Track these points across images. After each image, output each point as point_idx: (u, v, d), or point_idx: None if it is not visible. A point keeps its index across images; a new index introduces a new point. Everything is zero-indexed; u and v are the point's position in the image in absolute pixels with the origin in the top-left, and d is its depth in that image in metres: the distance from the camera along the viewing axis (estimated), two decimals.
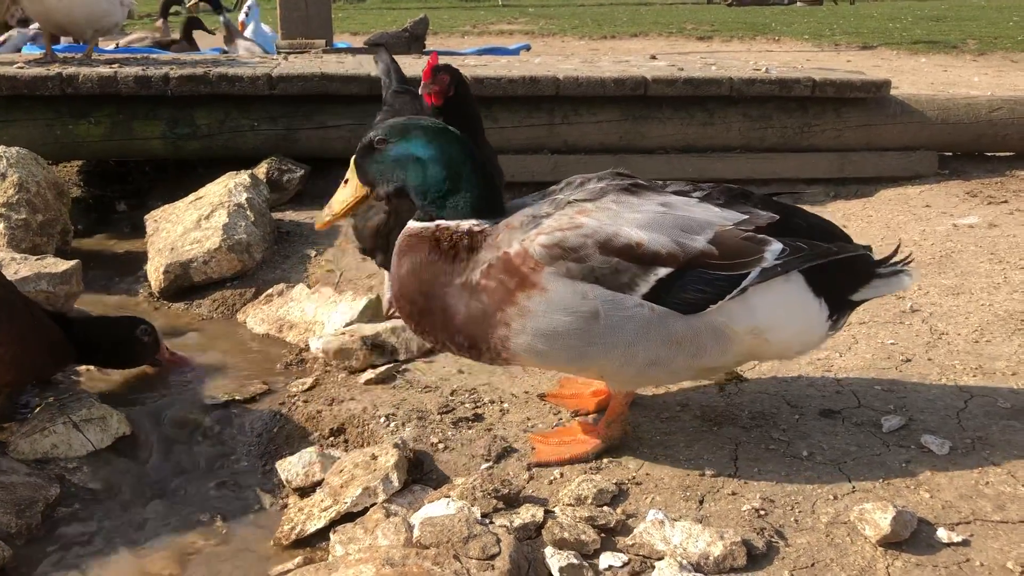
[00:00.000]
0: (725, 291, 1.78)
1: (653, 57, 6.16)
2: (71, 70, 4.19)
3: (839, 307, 1.93)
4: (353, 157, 1.92)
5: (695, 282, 1.77)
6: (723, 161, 4.52)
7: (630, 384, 1.97)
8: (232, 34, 7.84)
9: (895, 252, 2.02)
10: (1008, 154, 4.90)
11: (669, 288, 1.77)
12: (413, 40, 8.37)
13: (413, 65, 4.88)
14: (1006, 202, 4.18)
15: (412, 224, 1.91)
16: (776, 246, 1.79)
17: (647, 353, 1.81)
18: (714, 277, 1.77)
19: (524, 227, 1.82)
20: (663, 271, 1.76)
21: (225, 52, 7.19)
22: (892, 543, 1.68)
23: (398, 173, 1.88)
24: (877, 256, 2.00)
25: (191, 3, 9.55)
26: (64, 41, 6.82)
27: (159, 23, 8.98)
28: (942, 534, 1.72)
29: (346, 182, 1.95)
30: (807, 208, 2.03)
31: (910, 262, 2.01)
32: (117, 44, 7.73)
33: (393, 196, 1.91)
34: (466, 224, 1.85)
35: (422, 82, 2.51)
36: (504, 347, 1.83)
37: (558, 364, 1.91)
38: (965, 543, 1.70)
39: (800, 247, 1.81)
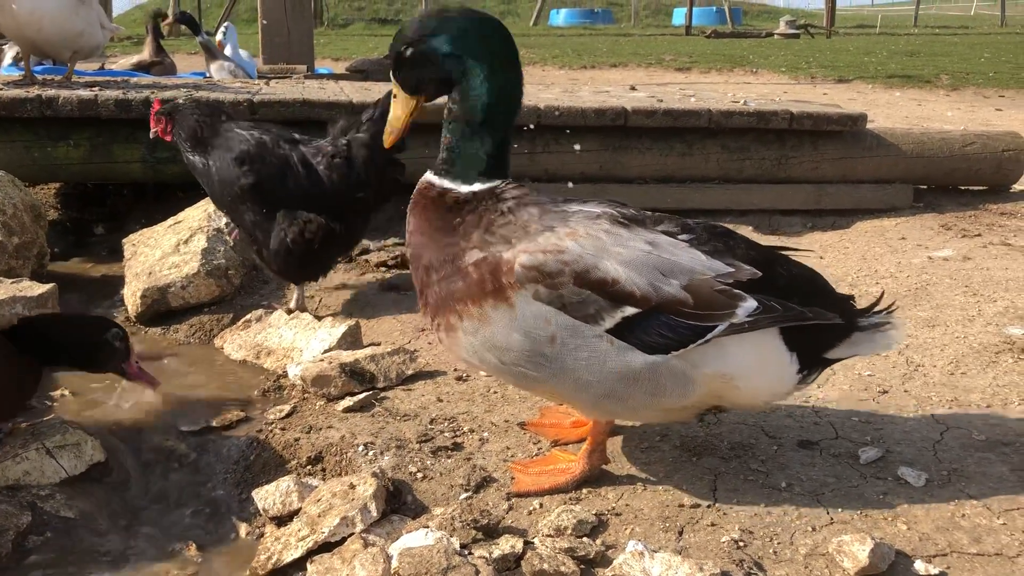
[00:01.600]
0: (688, 340, 1.78)
1: (633, 88, 6.22)
2: (51, 92, 4.17)
3: (812, 363, 1.92)
4: (390, 72, 1.93)
5: (660, 326, 1.78)
6: (701, 192, 4.56)
7: (592, 413, 1.97)
8: (214, 54, 7.83)
9: (879, 300, 2.01)
10: (981, 188, 4.98)
11: (633, 327, 1.78)
12: None
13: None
14: (980, 235, 4.24)
15: (430, 179, 1.93)
16: (749, 304, 1.78)
17: (602, 385, 1.82)
18: (679, 324, 1.78)
19: (531, 236, 1.82)
20: (631, 310, 1.77)
21: (207, 77, 7.19)
22: (870, 575, 1.68)
23: (431, 78, 1.89)
24: (861, 303, 1.99)
25: (166, 22, 9.53)
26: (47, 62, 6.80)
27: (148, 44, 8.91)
28: (919, 566, 1.72)
29: (395, 97, 1.96)
30: (786, 239, 2.03)
31: (894, 310, 1.99)
32: (102, 65, 7.71)
33: (441, 93, 1.92)
34: (477, 188, 1.89)
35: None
36: (448, 335, 1.88)
37: (498, 375, 1.94)
38: None
39: (774, 308, 1.79)
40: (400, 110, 1.96)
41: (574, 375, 1.81)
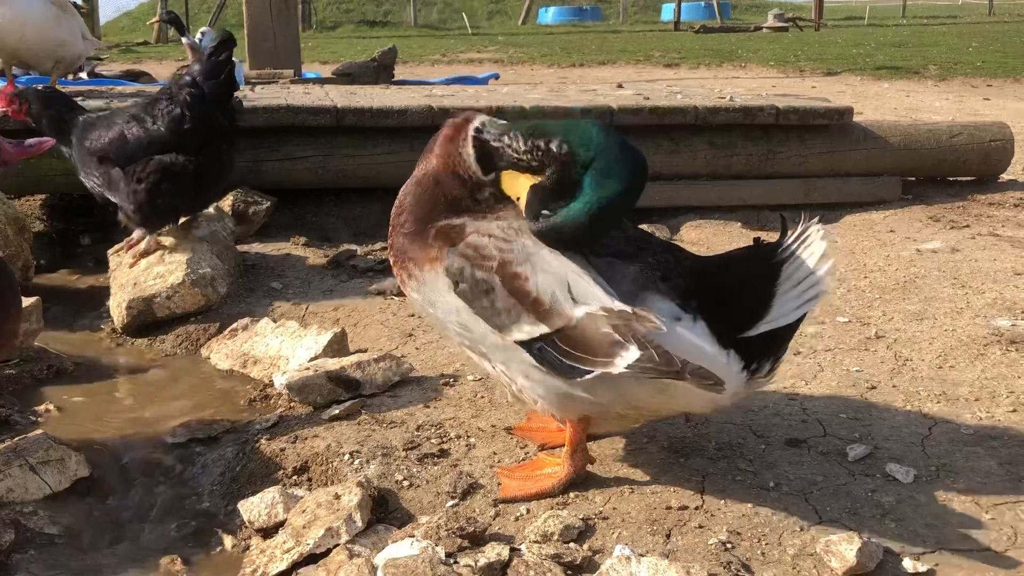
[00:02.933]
0: (568, 376, 1.80)
1: (620, 86, 6.21)
2: None
3: (755, 352, 1.83)
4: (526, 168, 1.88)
5: (546, 356, 1.80)
6: (690, 189, 4.55)
7: (542, 406, 1.95)
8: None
9: (784, 229, 1.89)
10: (969, 179, 4.98)
11: (528, 349, 1.83)
12: (382, 70, 8.38)
13: (380, 95, 4.89)
14: (968, 226, 4.24)
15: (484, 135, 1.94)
16: (631, 355, 1.70)
17: (516, 375, 1.90)
18: (557, 360, 1.78)
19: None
20: (516, 335, 1.82)
21: None
22: (858, 574, 1.67)
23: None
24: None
25: (151, 22, 9.49)
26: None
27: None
28: (908, 564, 1.71)
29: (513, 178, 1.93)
30: (775, 234, 1.96)
31: (816, 217, 1.86)
32: (92, 70, 7.67)
33: None
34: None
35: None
36: (403, 285, 2.02)
37: (446, 334, 2.05)
38: (931, 573, 1.70)
39: (652, 358, 1.69)
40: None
41: (490, 356, 1.92)
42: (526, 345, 1.82)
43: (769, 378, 1.91)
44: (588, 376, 1.77)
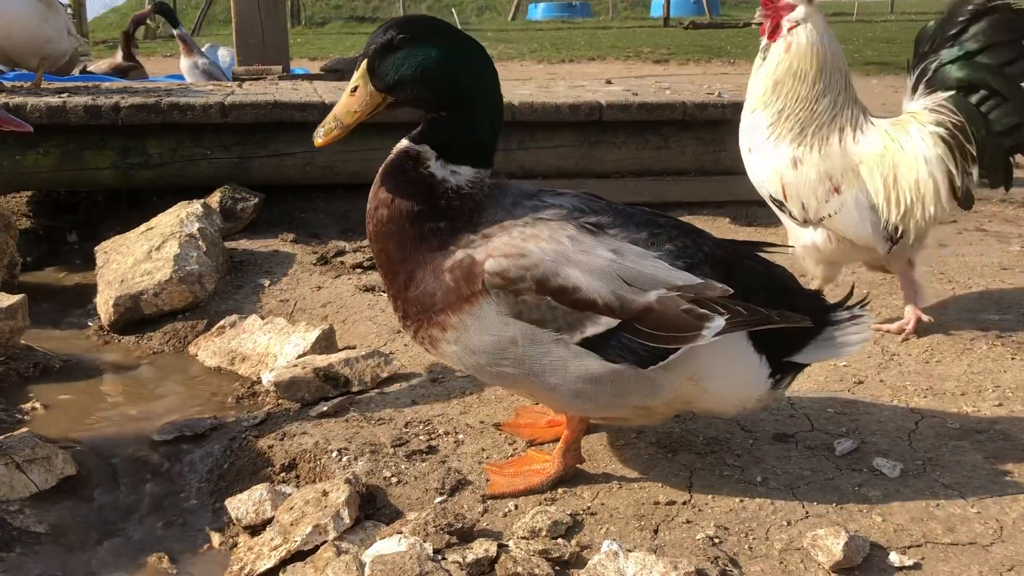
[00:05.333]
0: (648, 363, 1.77)
1: (608, 82, 6.20)
2: (19, 100, 4.13)
3: (783, 367, 1.90)
4: (365, 60, 1.79)
5: (620, 348, 1.76)
6: (678, 185, 4.56)
7: (566, 411, 1.96)
8: (191, 48, 7.75)
9: (849, 295, 2.00)
10: None
11: (595, 344, 1.76)
12: None
13: None
14: (955, 221, 4.25)
15: (407, 146, 1.85)
16: (717, 323, 1.73)
17: (569, 385, 1.81)
18: (640, 346, 1.75)
19: (499, 234, 1.80)
20: (591, 330, 1.74)
21: (181, 81, 7.12)
22: (844, 568, 1.68)
23: (417, 79, 1.78)
24: (836, 292, 1.99)
25: (139, 13, 9.39)
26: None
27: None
28: (894, 558, 1.72)
29: (353, 90, 1.81)
30: (763, 230, 2.01)
31: (867, 304, 1.98)
32: (83, 68, 7.62)
33: (408, 104, 1.82)
34: (463, 183, 1.84)
35: None
36: (433, 346, 1.87)
37: (482, 377, 1.93)
38: (917, 566, 1.71)
39: (740, 313, 1.74)
40: (358, 105, 1.81)
41: (542, 378, 1.80)
42: (599, 341, 1.76)
43: (784, 391, 1.98)
44: (673, 356, 1.76)
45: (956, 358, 2.65)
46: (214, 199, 4.08)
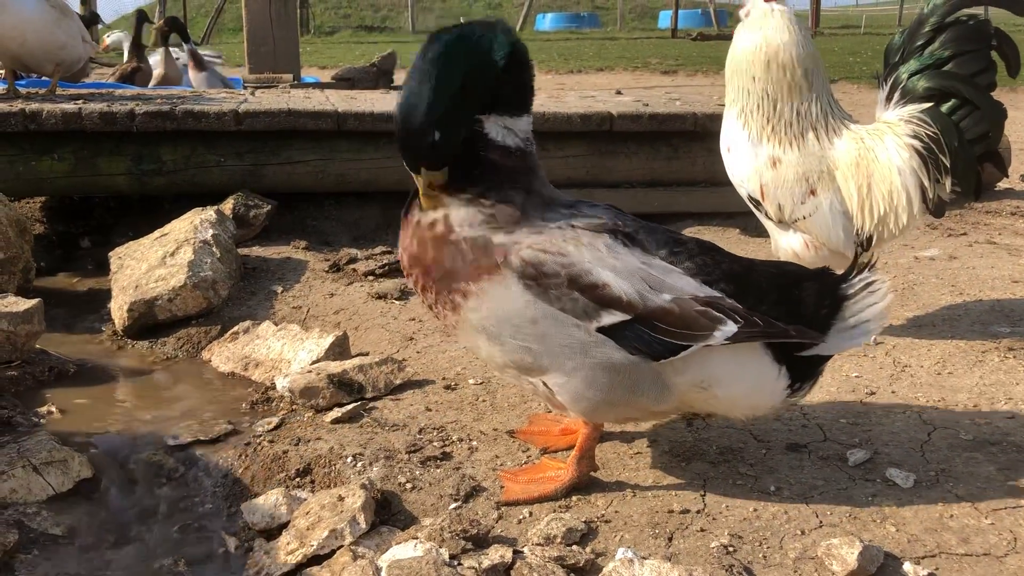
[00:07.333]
0: (662, 356, 1.82)
1: (619, 92, 6.23)
2: (34, 106, 4.16)
3: (801, 373, 1.92)
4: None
5: (636, 339, 1.80)
6: (688, 195, 4.57)
7: (576, 406, 1.96)
8: (200, 64, 7.83)
9: (855, 262, 2.00)
10: None
11: (613, 334, 1.81)
12: (381, 75, 8.40)
13: (380, 100, 4.90)
14: (965, 234, 4.26)
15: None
16: (729, 328, 1.79)
17: (584, 372, 1.84)
18: (655, 340, 1.80)
19: (534, 228, 1.86)
20: (614, 317, 1.79)
21: (191, 89, 7.17)
22: None
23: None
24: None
25: (154, 27, 9.44)
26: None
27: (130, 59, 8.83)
28: (908, 568, 1.73)
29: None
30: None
31: (874, 265, 1.95)
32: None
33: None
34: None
35: None
36: (454, 310, 1.88)
37: (500, 354, 1.91)
38: None
39: (755, 323, 1.80)
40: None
41: (560, 359, 1.84)
42: (615, 330, 1.81)
43: (801, 397, 1.99)
44: (689, 350, 1.80)
45: (968, 370, 2.65)
46: (227, 206, 4.10)
